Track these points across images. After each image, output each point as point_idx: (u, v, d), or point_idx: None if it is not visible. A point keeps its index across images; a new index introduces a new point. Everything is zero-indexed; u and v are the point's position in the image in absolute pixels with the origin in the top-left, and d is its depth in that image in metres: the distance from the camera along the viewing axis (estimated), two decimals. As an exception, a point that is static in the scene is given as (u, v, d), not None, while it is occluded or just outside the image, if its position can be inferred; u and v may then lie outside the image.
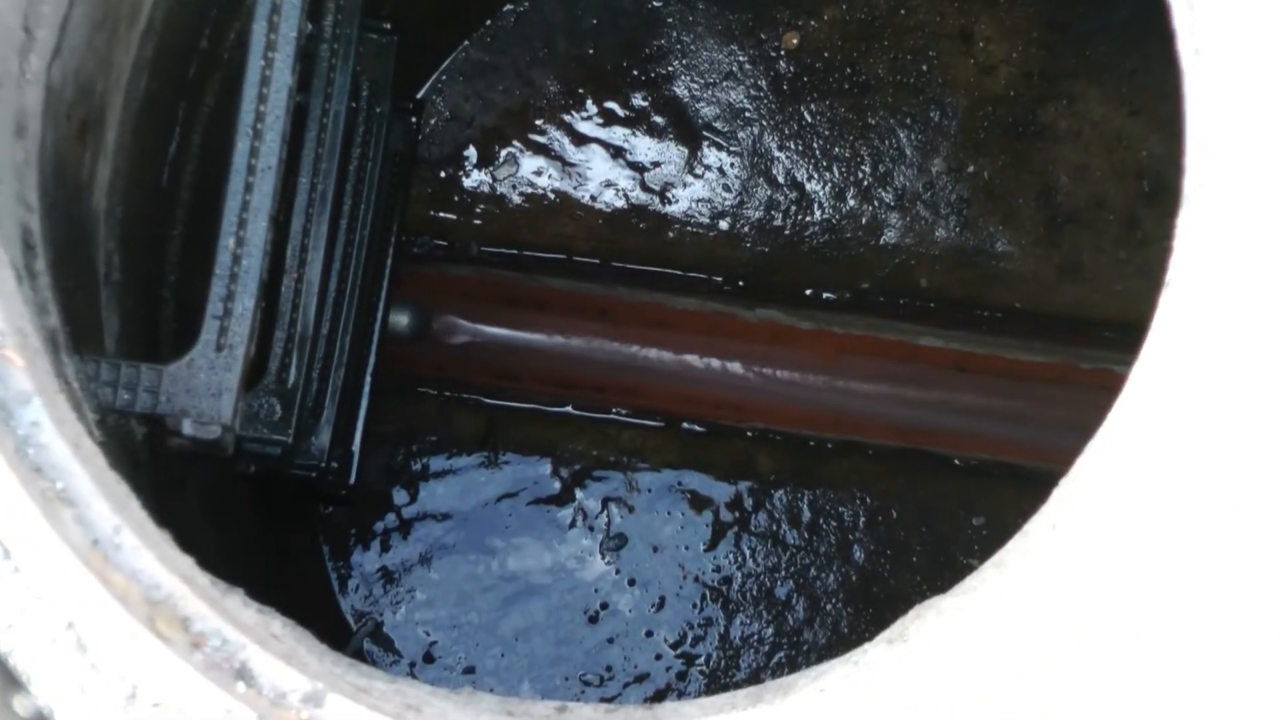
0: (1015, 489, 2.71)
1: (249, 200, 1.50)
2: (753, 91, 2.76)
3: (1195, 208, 1.13)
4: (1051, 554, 1.13)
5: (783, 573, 2.70)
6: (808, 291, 2.76)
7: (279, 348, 1.82)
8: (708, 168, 2.76)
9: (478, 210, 2.74)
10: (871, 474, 2.74)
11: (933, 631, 1.13)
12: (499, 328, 2.71)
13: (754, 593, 2.69)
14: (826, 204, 2.75)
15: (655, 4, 2.75)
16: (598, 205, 2.75)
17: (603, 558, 2.68)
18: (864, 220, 2.75)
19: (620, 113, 2.76)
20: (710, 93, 2.75)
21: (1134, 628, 1.10)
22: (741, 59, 2.75)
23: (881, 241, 2.75)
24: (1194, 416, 1.11)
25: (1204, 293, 1.11)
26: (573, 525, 2.69)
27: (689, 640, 2.66)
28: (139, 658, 1.05)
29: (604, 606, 2.67)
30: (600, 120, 2.76)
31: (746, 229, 2.76)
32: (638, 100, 2.76)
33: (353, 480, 2.15)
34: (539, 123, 2.75)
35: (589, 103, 2.75)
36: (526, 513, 2.69)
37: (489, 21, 2.73)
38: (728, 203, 2.76)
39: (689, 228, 2.75)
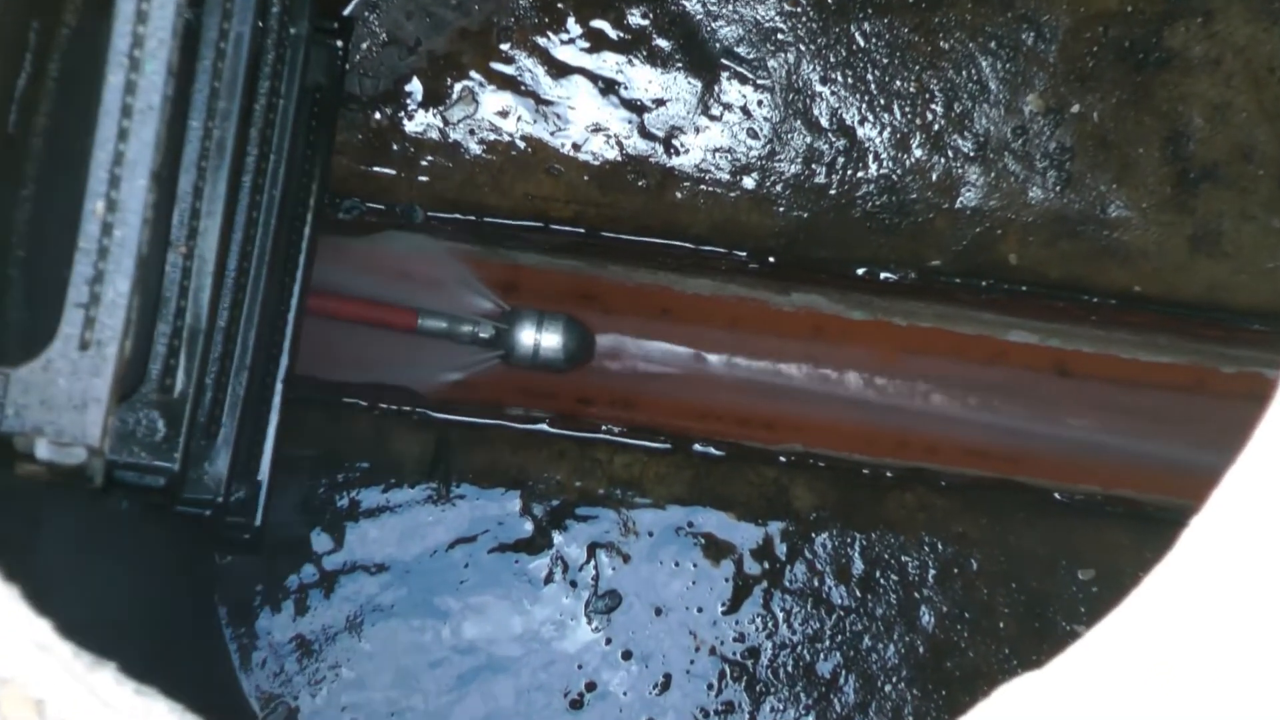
0: (1134, 532, 2.72)
1: (123, 151, 1.50)
2: (787, 6, 2.76)
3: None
4: (1188, 622, 1.13)
5: (827, 643, 2.70)
6: (860, 270, 2.77)
7: (163, 345, 1.82)
8: (727, 107, 2.77)
9: (424, 163, 2.74)
10: (944, 512, 2.74)
11: (1025, 721, 1.13)
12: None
13: (789, 669, 2.70)
14: (885, 155, 2.76)
15: (658, -109, 2.77)
16: (582, 156, 2.76)
17: (589, 623, 2.69)
18: (934, 176, 2.76)
19: (612, 34, 2.77)
20: (731, 7, 2.76)
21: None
22: (772, -37, 2.77)
23: (957, 205, 2.76)
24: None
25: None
26: (549, 580, 2.70)
27: (703, 731, 2.67)
28: (-21, 753, 1.05)
29: (590, 688, 2.67)
30: (586, 44, 2.77)
31: (779, 188, 2.76)
32: (635, 17, 2.77)
33: (259, 520, 2.15)
34: (505, 48, 2.75)
35: (571, 21, 2.76)
36: (488, 563, 2.69)
37: (439, -86, 2.75)
38: (754, 153, 2.76)
39: (703, 186, 2.76)
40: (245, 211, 2.02)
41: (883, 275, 2.77)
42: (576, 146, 2.76)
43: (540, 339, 2.69)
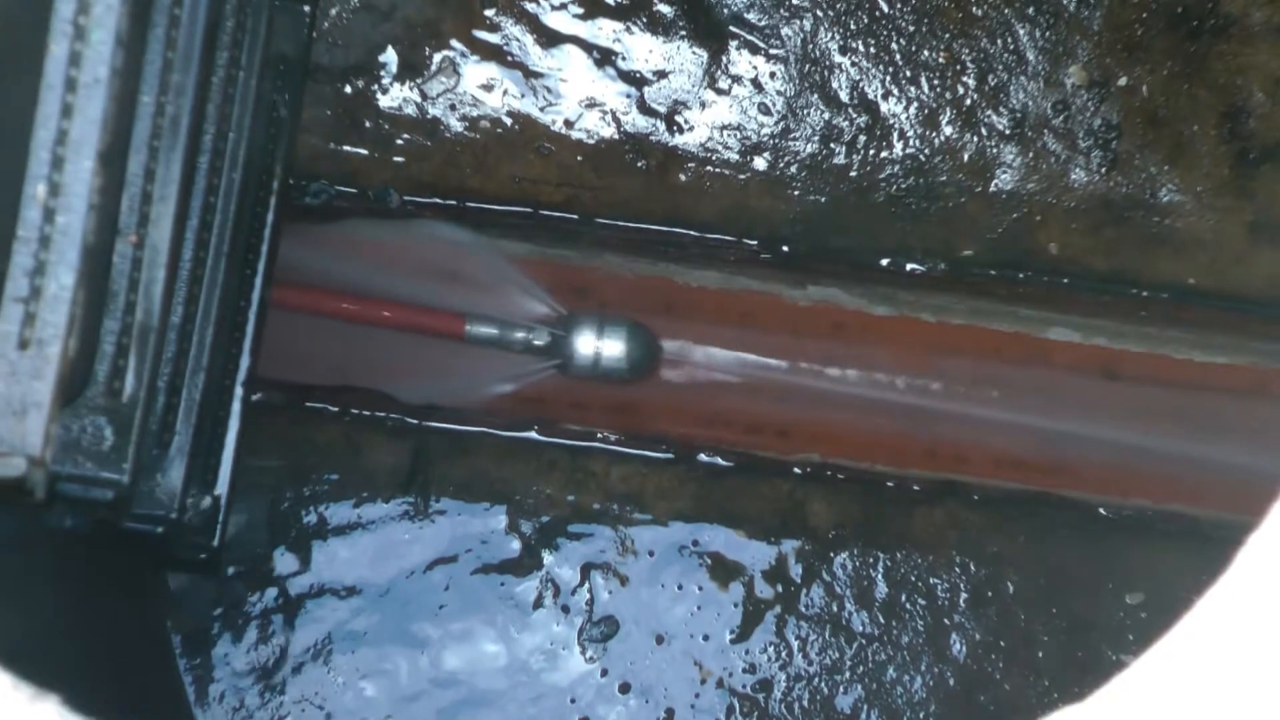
0: (1187, 551, 2.72)
1: (67, 130, 1.50)
2: (803, -32, 2.77)
3: None
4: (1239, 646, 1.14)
5: (847, 674, 2.71)
6: (884, 261, 2.78)
7: (111, 344, 1.82)
8: (736, 80, 2.77)
9: (400, 142, 2.75)
10: (977, 529, 2.75)
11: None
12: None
13: (805, 703, 2.70)
14: (911, 133, 2.76)
15: None
16: (575, 135, 2.76)
17: (583, 652, 2.69)
18: (965, 156, 2.76)
19: (609, -1, 2.78)
20: (741, -30, 2.77)
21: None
22: (786, -80, 2.77)
23: (991, 188, 2.76)
24: None
25: None
26: (539, 604, 2.70)
27: (709, 773, 2.68)
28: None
29: (585, 723, 2.68)
30: (579, 9, 2.77)
31: (793, 170, 2.76)
32: (634, -19, 2.78)
33: (217, 539, 2.15)
34: (490, 14, 2.76)
35: (563, -16, 2.77)
36: (471, 586, 2.70)
37: None
38: (766, 131, 2.77)
39: (709, 168, 2.76)
40: (202, 196, 2.02)
41: (909, 266, 2.77)
42: (569, 124, 2.76)
43: (601, 346, 2.70)
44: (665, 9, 2.77)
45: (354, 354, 2.74)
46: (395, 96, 2.75)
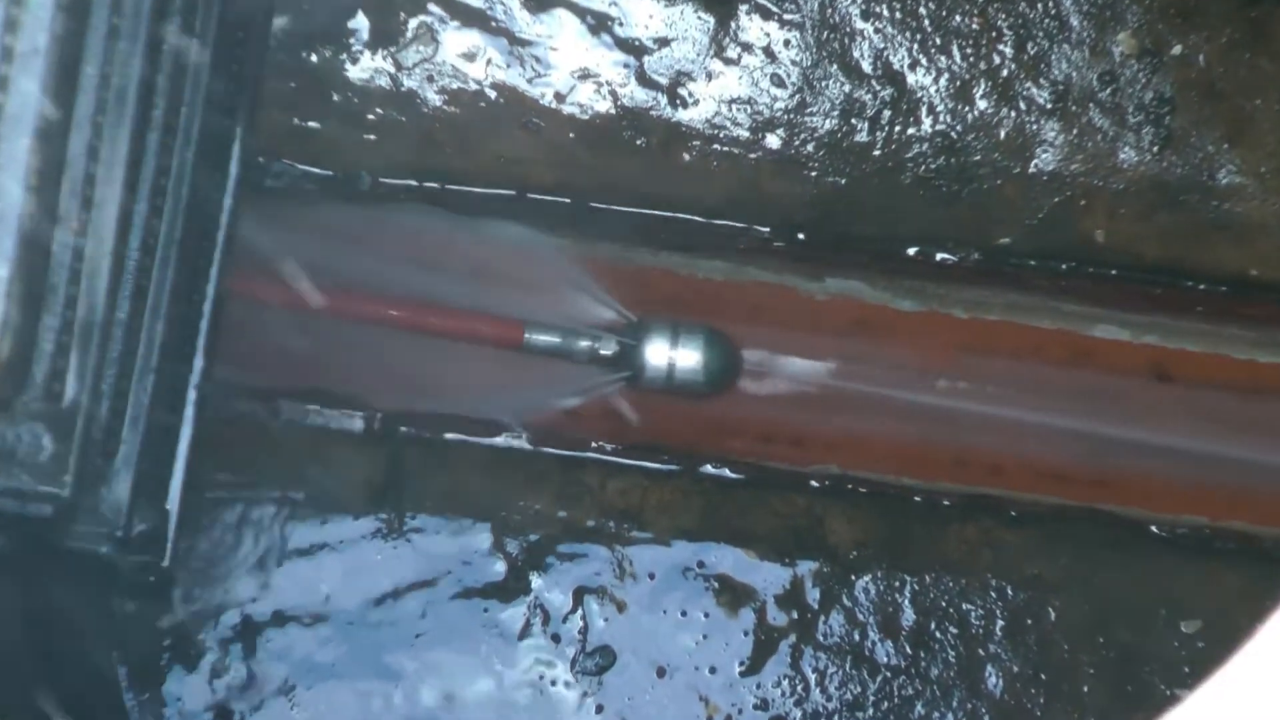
0: (1248, 574, 2.72)
1: (2, 104, 1.50)
2: (821, -76, 2.77)
3: None
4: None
5: (870, 711, 2.70)
6: (910, 250, 2.78)
7: (50, 343, 1.82)
8: (747, 48, 2.77)
9: (372, 117, 2.75)
10: (1014, 549, 2.75)
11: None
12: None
13: (823, 743, 2.70)
14: (941, 107, 2.76)
15: None
16: (567, 109, 2.76)
17: (576, 686, 2.69)
18: (1002, 134, 2.76)
19: (604, -42, 2.78)
20: (751, -74, 2.77)
21: None
22: None
23: (1031, 169, 2.76)
24: None
25: None
26: (526, 633, 2.70)
27: (717, 820, 2.68)
28: None
29: (578, 766, 2.68)
30: (571, -30, 2.78)
31: (810, 148, 2.77)
32: (633, -62, 2.78)
33: (167, 559, 2.15)
34: (471, -25, 2.76)
35: (553, -58, 2.77)
36: (450, 613, 2.70)
37: None
38: (780, 105, 2.77)
39: (716, 146, 2.76)
40: (151, 178, 2.02)
41: (939, 256, 2.78)
42: (560, 97, 2.76)
43: (675, 356, 2.70)
44: (667, -31, 2.78)
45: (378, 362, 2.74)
46: (366, 67, 2.75)
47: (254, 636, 2.68)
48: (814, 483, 2.77)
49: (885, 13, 2.77)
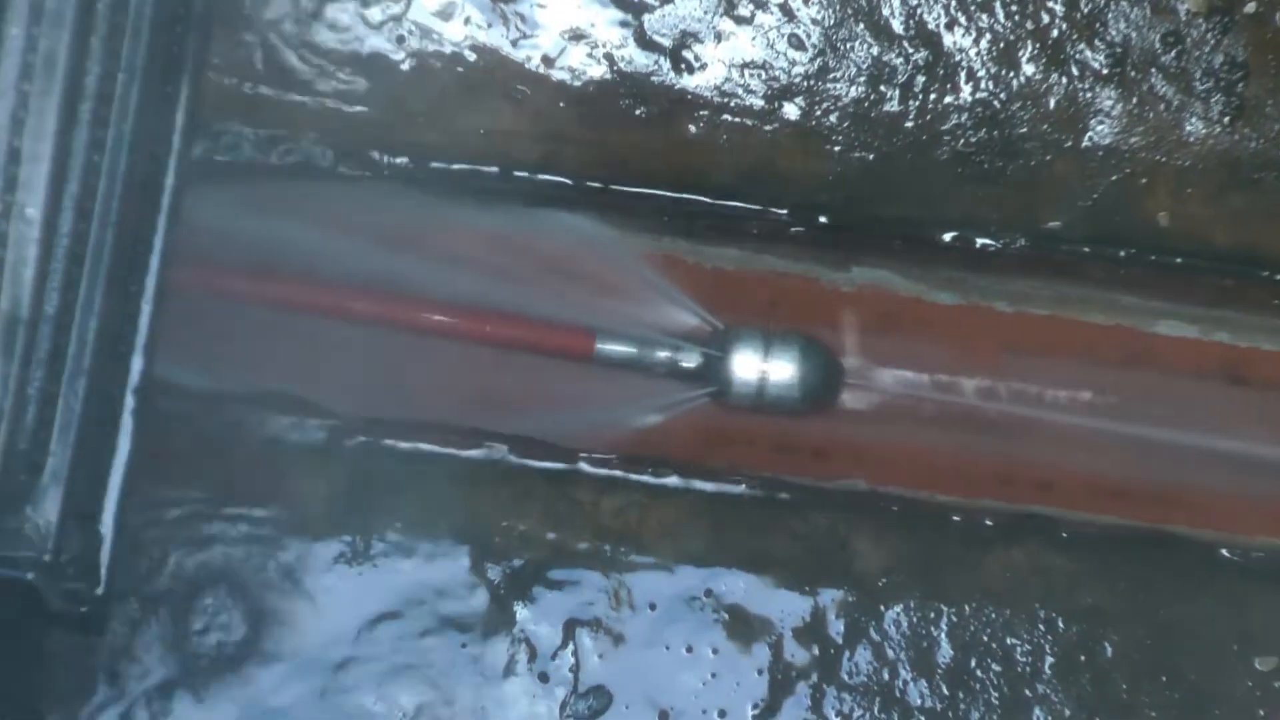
0: (1335, 603, 2.73)
1: (-81, 67, 1.50)
2: None
3: None
4: None
5: (901, 759, 2.71)
6: (947, 236, 2.78)
7: (-30, 341, 1.82)
8: (761, 5, 2.77)
9: (333, 85, 2.74)
10: (1066, 576, 2.75)
11: None
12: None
13: (848, 796, 2.71)
14: (982, 73, 2.76)
15: None
16: (557, 75, 2.76)
17: (566, 732, 2.69)
18: (1051, 103, 2.76)
19: (599, -98, 2.78)
20: None
21: None
22: None
23: (1084, 143, 2.76)
24: None
25: None
26: (510, 671, 2.70)
27: None
28: None
29: (569, 823, 2.68)
30: (562, -84, 2.78)
31: (833, 119, 2.76)
32: (631, -121, 2.78)
33: (102, 586, 2.15)
34: (448, -80, 2.76)
35: (541, -117, 2.77)
36: (424, 648, 2.69)
37: None
38: (799, 70, 2.76)
39: (726, 117, 2.76)
40: (84, 153, 2.02)
41: (980, 242, 2.78)
42: (548, 61, 2.76)
43: (767, 369, 2.69)
44: (671, -85, 2.78)
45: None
46: (328, 25, 2.74)
47: (200, 675, 2.67)
48: (838, 500, 2.77)
49: (919, -35, 2.78)
